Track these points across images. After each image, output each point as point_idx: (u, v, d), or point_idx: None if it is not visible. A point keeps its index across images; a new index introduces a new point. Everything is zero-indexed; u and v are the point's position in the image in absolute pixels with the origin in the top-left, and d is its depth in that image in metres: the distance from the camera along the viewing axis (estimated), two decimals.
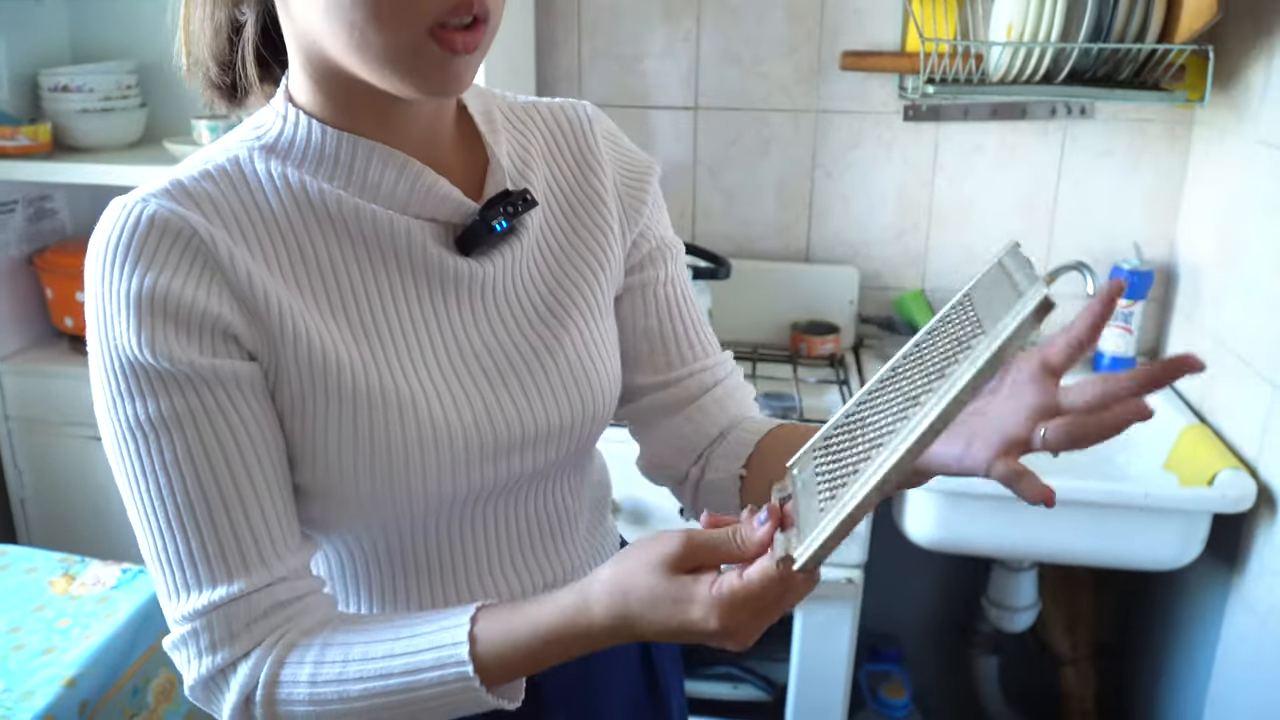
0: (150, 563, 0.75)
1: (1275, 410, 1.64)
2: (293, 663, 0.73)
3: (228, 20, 0.77)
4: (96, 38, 2.18)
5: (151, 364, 0.71)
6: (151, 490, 0.72)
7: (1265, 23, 1.72)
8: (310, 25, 0.71)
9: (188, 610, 0.73)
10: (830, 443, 0.76)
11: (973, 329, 0.71)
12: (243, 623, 0.73)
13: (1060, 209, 2.09)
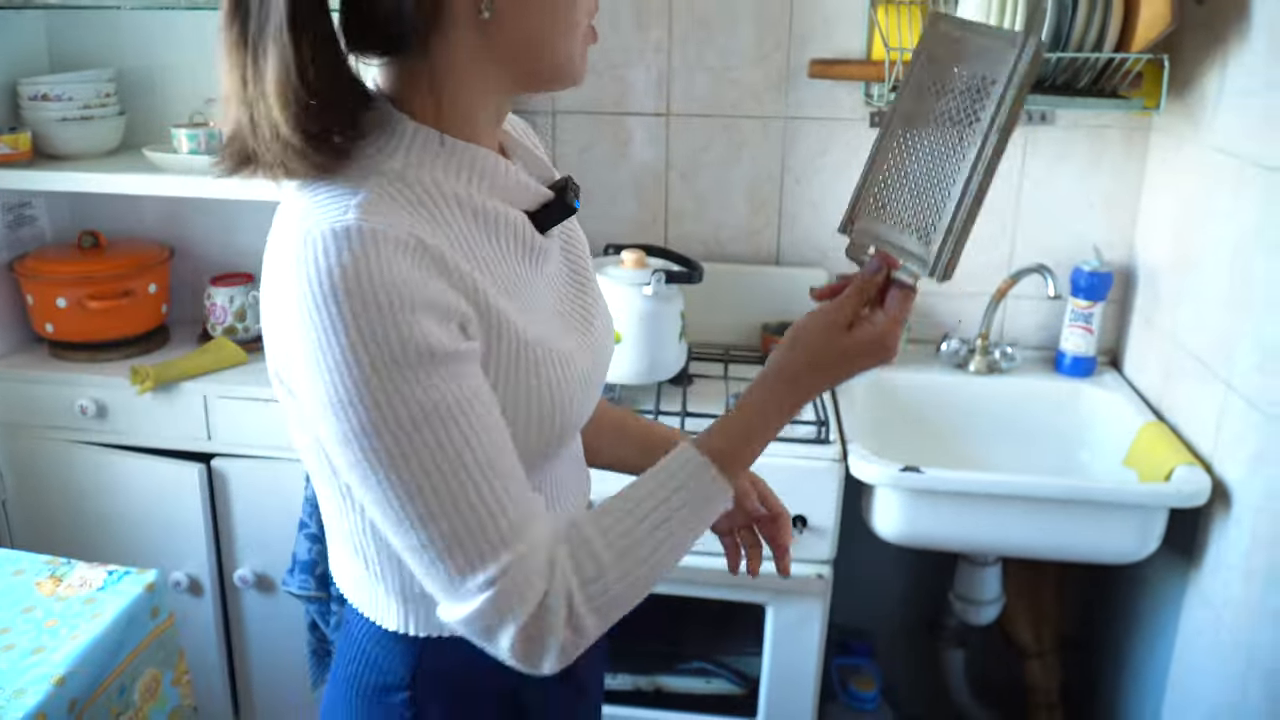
0: (424, 551, 0.78)
1: (1229, 408, 1.70)
2: (582, 561, 0.82)
3: (337, 69, 0.81)
4: (75, 47, 2.20)
5: (424, 354, 0.76)
6: (433, 477, 0.77)
7: (1219, 32, 1.78)
8: (520, 35, 0.83)
9: (483, 579, 0.78)
10: (876, 205, 0.98)
11: (978, 80, 0.89)
12: (535, 567, 0.80)
13: (1022, 212, 2.15)
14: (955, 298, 2.21)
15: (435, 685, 0.98)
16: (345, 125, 0.81)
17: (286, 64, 0.76)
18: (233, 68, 0.81)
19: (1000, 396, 2.11)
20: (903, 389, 2.13)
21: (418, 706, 0.97)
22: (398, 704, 0.98)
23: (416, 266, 0.77)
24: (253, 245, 2.23)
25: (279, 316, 0.80)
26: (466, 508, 0.77)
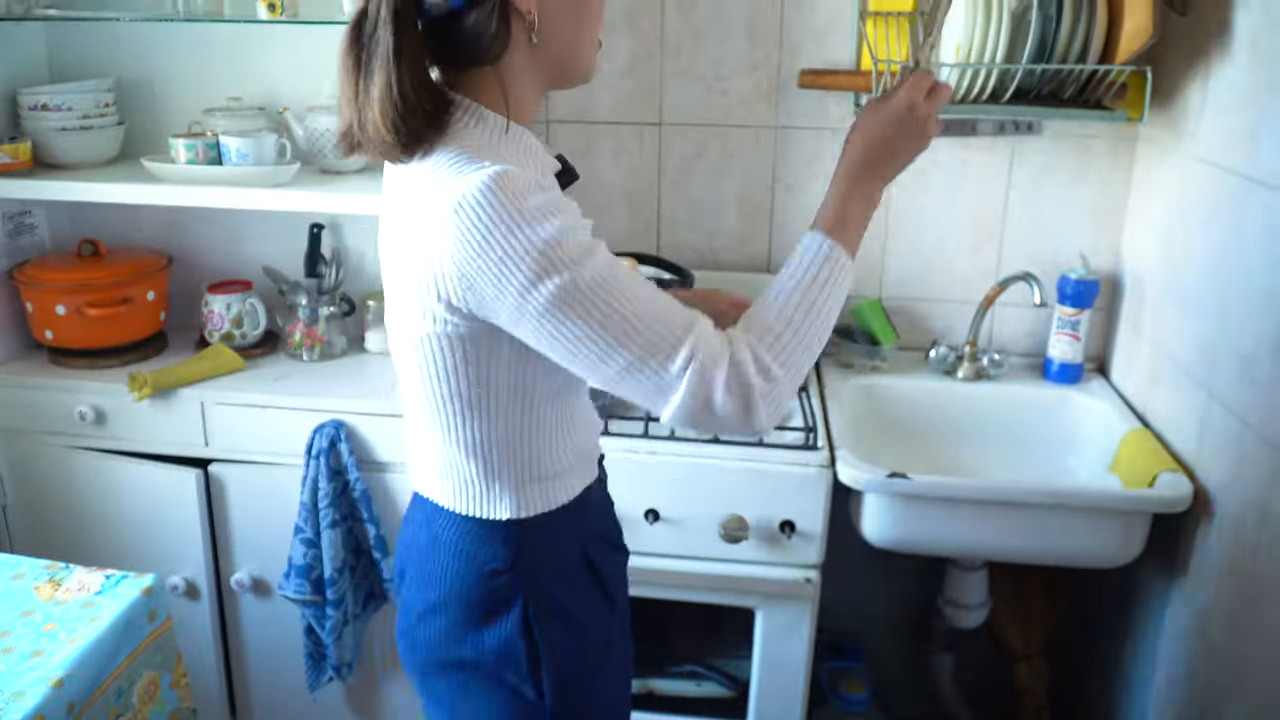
0: (628, 369, 1.03)
1: (1210, 416, 1.73)
2: (754, 327, 1.08)
3: (424, 82, 1.05)
4: (75, 57, 2.23)
5: (582, 229, 1.03)
6: (619, 309, 1.01)
7: (1201, 45, 1.81)
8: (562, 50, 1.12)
9: (681, 361, 1.02)
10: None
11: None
12: (716, 339, 1.05)
13: (1010, 221, 2.17)
14: (944, 304, 2.24)
15: (532, 558, 1.19)
16: (431, 125, 1.05)
17: (389, 85, 1.02)
18: (347, 84, 1.06)
19: (988, 403, 2.14)
20: (892, 395, 2.15)
21: (521, 580, 1.19)
22: (503, 585, 1.18)
23: (554, 187, 1.06)
24: (250, 253, 2.29)
25: (432, 260, 1.02)
26: (650, 320, 1.02)
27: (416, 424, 1.22)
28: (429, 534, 1.23)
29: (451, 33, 1.07)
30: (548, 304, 1.00)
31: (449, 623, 1.22)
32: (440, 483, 1.22)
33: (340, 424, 2.01)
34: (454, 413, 1.15)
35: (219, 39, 2.17)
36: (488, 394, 1.12)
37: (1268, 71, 1.59)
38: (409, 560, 1.28)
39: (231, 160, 1.99)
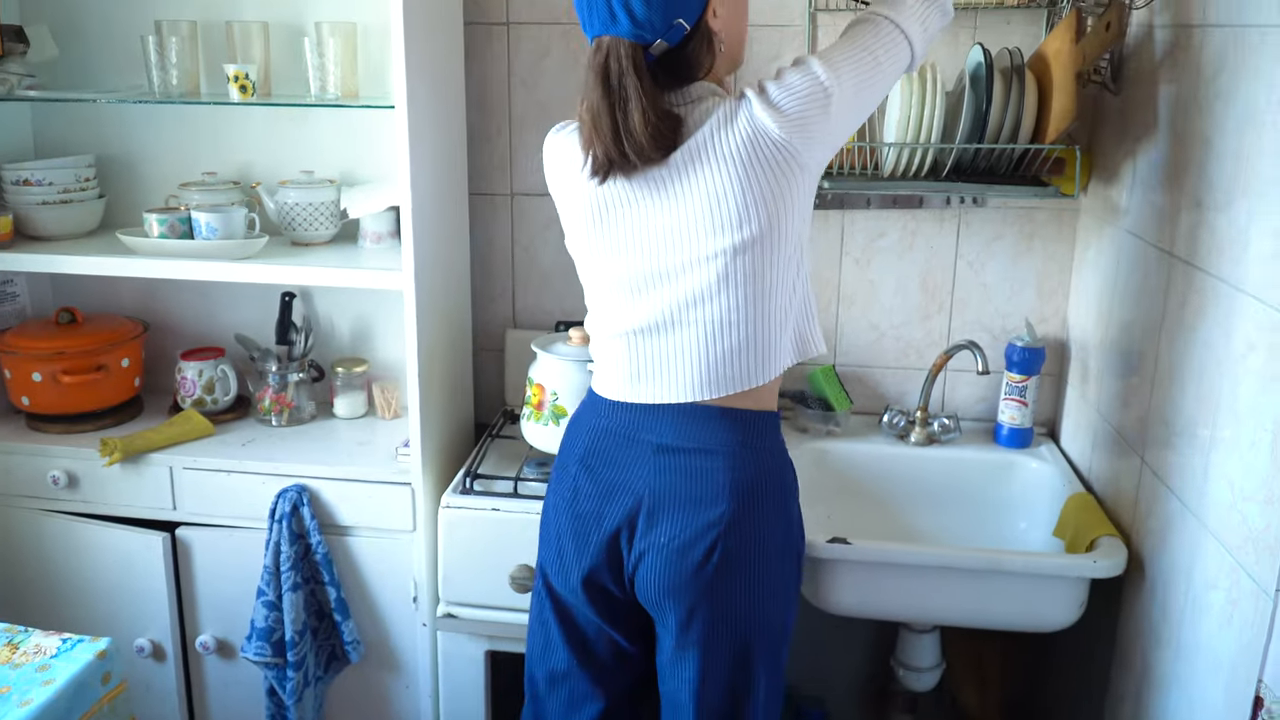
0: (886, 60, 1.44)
1: (1145, 482, 1.77)
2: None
3: (661, 108, 1.40)
4: (59, 134, 2.33)
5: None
6: (862, 51, 1.46)
7: (1130, 125, 1.88)
8: (737, 47, 1.49)
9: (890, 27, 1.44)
10: None
11: None
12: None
13: (959, 289, 2.24)
14: (897, 371, 2.30)
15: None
16: (675, 132, 1.38)
17: (644, 114, 1.35)
18: (604, 121, 1.37)
19: (940, 467, 2.18)
20: (846, 459, 2.20)
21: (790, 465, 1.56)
22: (787, 470, 1.55)
23: None
24: (224, 320, 2.36)
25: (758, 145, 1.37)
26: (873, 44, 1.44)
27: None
28: (762, 447, 1.51)
29: (674, 63, 1.39)
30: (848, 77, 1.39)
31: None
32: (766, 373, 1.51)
33: (303, 488, 2.06)
34: (782, 291, 1.46)
35: (196, 117, 2.27)
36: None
37: (1185, 151, 1.66)
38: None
39: (202, 234, 2.06)
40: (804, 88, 1.36)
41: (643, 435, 1.49)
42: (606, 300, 1.53)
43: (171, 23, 2.09)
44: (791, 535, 1.53)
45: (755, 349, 1.46)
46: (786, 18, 2.13)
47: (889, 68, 1.43)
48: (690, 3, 1.37)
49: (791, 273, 1.45)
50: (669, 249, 1.43)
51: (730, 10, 1.44)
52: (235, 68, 2.02)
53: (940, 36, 1.54)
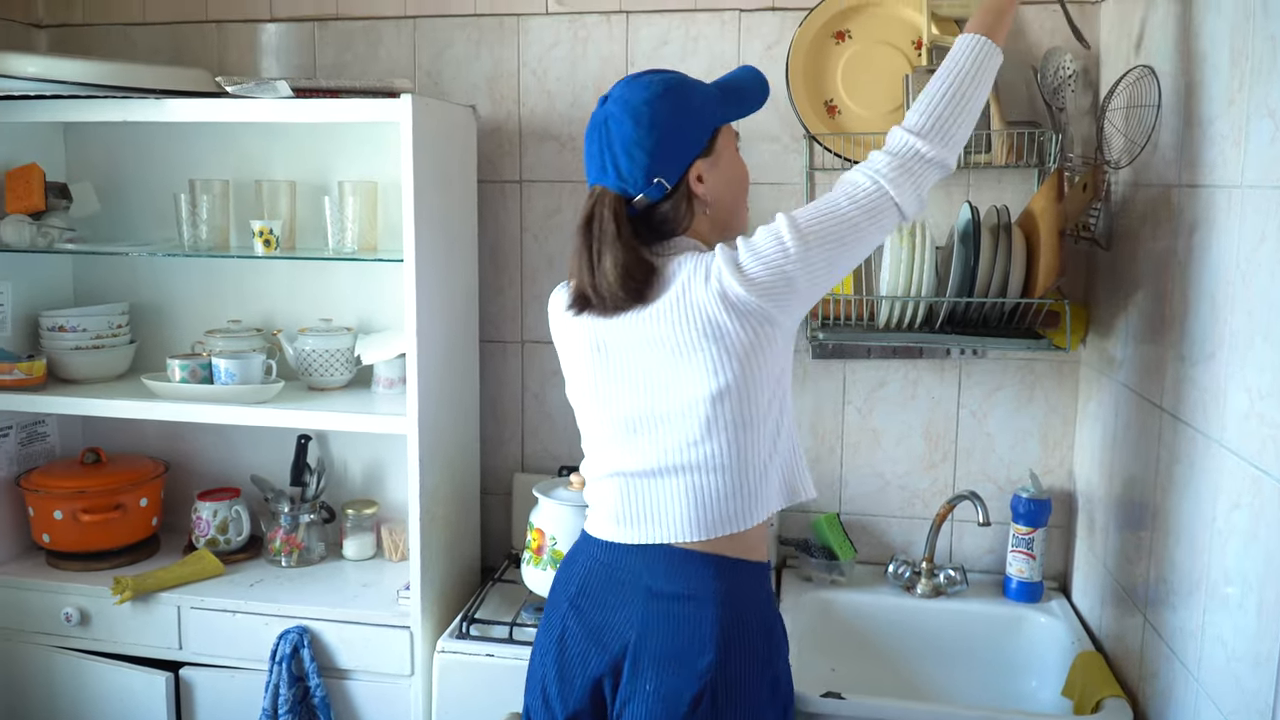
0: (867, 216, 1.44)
1: (1149, 640, 1.73)
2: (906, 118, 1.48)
3: (642, 253, 1.48)
4: (97, 282, 2.46)
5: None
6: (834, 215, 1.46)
7: (1121, 280, 1.91)
8: (730, 212, 1.55)
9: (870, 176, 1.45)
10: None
11: None
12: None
13: (963, 439, 2.24)
14: (902, 520, 2.28)
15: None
16: (648, 283, 1.45)
17: (616, 260, 1.44)
18: (584, 261, 1.47)
19: (947, 621, 2.14)
20: (851, 610, 2.17)
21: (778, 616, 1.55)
22: (775, 622, 1.54)
23: None
24: (242, 461, 2.43)
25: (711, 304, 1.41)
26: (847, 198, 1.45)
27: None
28: (717, 598, 1.49)
29: (654, 217, 1.48)
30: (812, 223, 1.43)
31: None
32: (727, 526, 1.50)
33: (304, 630, 2.08)
34: (743, 449, 1.47)
35: (223, 268, 2.39)
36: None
37: (1168, 305, 1.68)
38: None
39: (221, 379, 2.15)
40: (772, 255, 1.40)
41: (632, 576, 1.50)
42: (600, 442, 1.57)
43: (205, 181, 2.22)
44: (779, 689, 1.51)
45: (741, 493, 1.47)
46: (784, 175, 2.22)
47: (869, 232, 1.44)
48: (671, 164, 1.46)
49: (773, 419, 1.48)
50: (657, 394, 1.47)
51: (720, 181, 1.51)
52: (260, 223, 2.14)
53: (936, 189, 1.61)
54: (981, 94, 1.48)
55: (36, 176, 2.22)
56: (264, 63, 2.40)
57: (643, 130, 1.44)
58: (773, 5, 2.18)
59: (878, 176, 1.43)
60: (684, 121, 1.47)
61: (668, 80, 1.48)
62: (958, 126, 1.45)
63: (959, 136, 1.46)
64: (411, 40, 2.33)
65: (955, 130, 1.45)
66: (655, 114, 1.45)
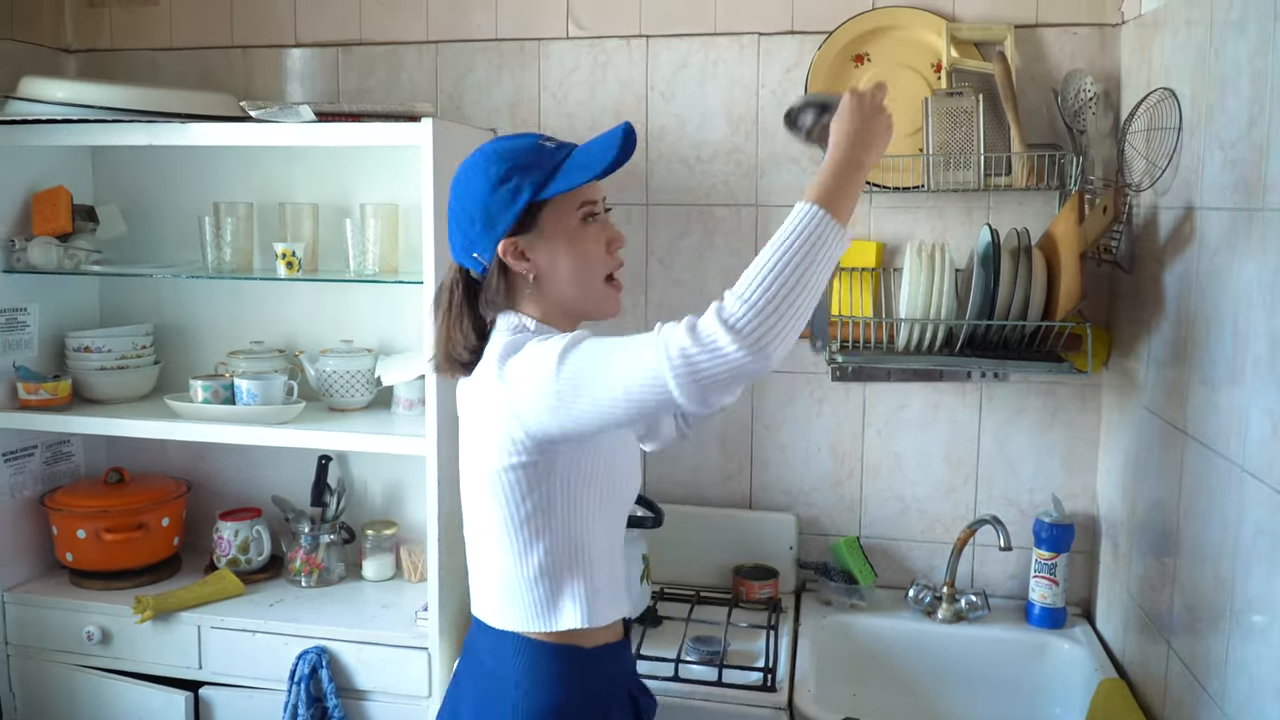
0: (633, 351, 1.22)
1: (1173, 668, 1.70)
2: (723, 297, 1.19)
3: (476, 327, 1.43)
4: (123, 304, 2.49)
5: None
6: (602, 343, 1.26)
7: (1143, 303, 1.89)
8: (562, 293, 1.41)
9: (656, 338, 1.20)
10: None
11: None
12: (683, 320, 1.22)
13: (983, 463, 2.22)
14: (923, 544, 2.26)
15: (591, 680, 1.43)
16: (472, 350, 1.41)
17: (449, 328, 1.43)
18: (440, 329, 1.45)
19: (968, 646, 2.12)
20: (871, 635, 2.15)
21: (586, 706, 1.42)
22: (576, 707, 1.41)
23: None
24: (263, 481, 2.45)
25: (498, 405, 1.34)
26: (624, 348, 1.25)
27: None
28: (497, 676, 1.43)
29: (484, 290, 1.43)
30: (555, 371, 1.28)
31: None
32: (511, 618, 1.43)
33: (323, 650, 2.08)
34: (519, 551, 1.40)
35: (246, 290, 2.41)
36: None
37: (1190, 329, 1.66)
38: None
39: (243, 399, 2.16)
40: (530, 371, 1.29)
41: (470, 643, 1.52)
42: None
43: (229, 204, 2.25)
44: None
45: (508, 591, 1.41)
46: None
47: (629, 413, 1.23)
48: (482, 241, 1.39)
49: (556, 531, 1.38)
50: (463, 461, 1.48)
51: (550, 257, 1.39)
52: (283, 246, 2.16)
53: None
54: (812, 281, 1.18)
55: (64, 199, 2.26)
56: (289, 87, 2.44)
57: (455, 202, 1.42)
58: (792, 29, 2.19)
59: (666, 365, 1.17)
60: (490, 197, 1.37)
61: (488, 150, 1.41)
62: (779, 322, 1.15)
63: (779, 333, 1.16)
64: (433, 65, 2.36)
65: (774, 327, 1.15)
66: (466, 186, 1.40)
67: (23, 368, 2.26)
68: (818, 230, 1.19)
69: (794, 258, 1.17)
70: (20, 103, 2.11)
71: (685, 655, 1.95)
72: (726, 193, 2.26)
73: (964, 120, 2.04)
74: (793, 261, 1.17)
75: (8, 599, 2.26)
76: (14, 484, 2.31)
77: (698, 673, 1.91)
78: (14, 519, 2.31)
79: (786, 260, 1.17)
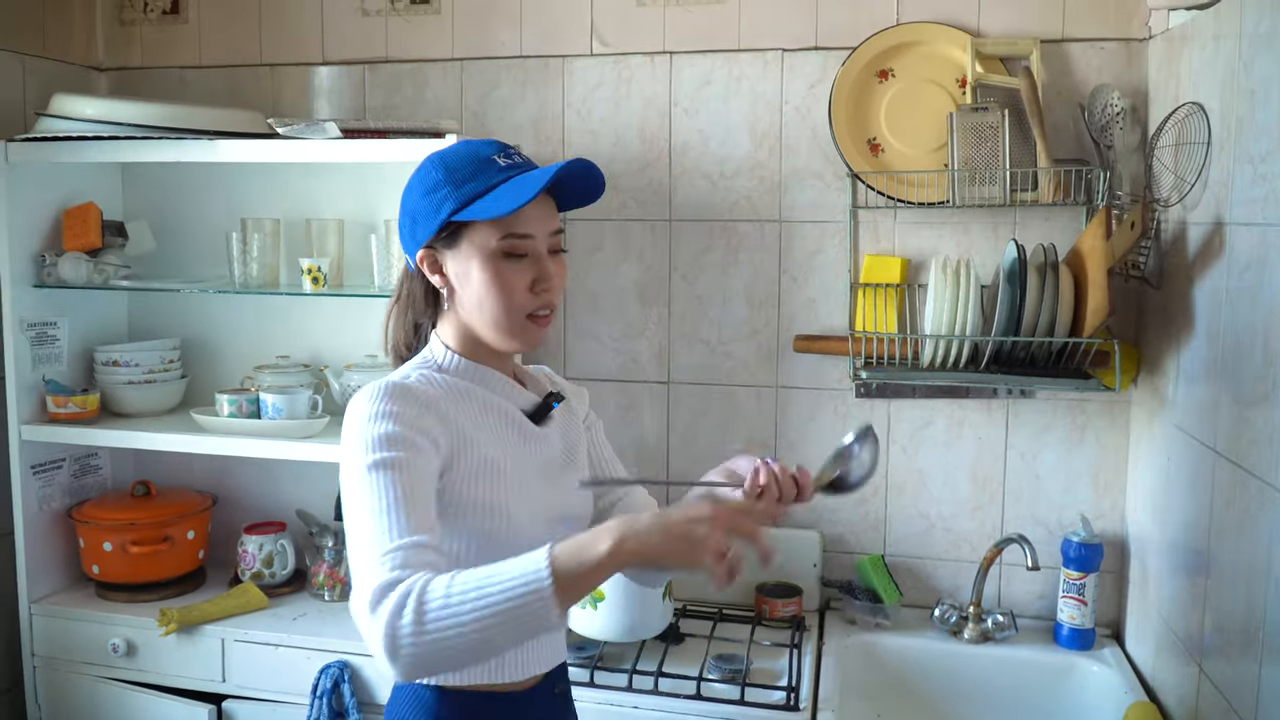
0: (361, 538, 1.16)
1: (1204, 692, 1.67)
2: (435, 585, 1.08)
3: (414, 325, 1.42)
4: (151, 319, 2.52)
5: (391, 436, 1.22)
6: (374, 498, 1.18)
7: (1172, 319, 1.87)
8: (470, 318, 1.33)
9: (386, 549, 1.13)
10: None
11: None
12: (414, 558, 1.13)
13: (1010, 481, 2.19)
14: (949, 563, 2.24)
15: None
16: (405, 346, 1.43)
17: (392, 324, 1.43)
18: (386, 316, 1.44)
19: (995, 667, 2.09)
20: (895, 655, 2.12)
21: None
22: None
23: (413, 404, 1.26)
24: (288, 496, 2.45)
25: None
26: (393, 516, 1.17)
27: None
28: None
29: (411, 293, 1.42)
30: (354, 467, 1.23)
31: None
32: None
33: (345, 664, 2.08)
34: None
35: (272, 305, 2.43)
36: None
37: (1221, 345, 1.64)
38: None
39: (268, 413, 2.18)
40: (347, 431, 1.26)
41: None
42: None
43: (256, 220, 2.27)
44: None
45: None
46: (828, 214, 2.21)
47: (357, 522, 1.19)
48: (408, 244, 1.36)
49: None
50: None
51: (465, 279, 1.31)
52: (309, 261, 2.17)
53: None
54: (497, 645, 1.08)
55: (94, 215, 2.28)
56: (316, 104, 2.46)
57: (402, 196, 1.36)
58: (816, 44, 2.19)
59: (357, 600, 1.11)
60: (420, 202, 1.32)
61: (437, 153, 1.34)
62: (437, 664, 1.09)
63: (431, 669, 1.09)
64: (458, 82, 2.37)
65: (430, 665, 1.08)
66: (409, 184, 1.35)
67: (52, 381, 2.29)
68: (533, 606, 1.06)
69: (493, 617, 1.06)
70: (52, 120, 2.14)
71: (707, 673, 1.94)
72: (749, 208, 2.26)
73: (989, 135, 2.03)
74: (489, 620, 1.06)
75: (35, 611, 2.28)
76: (42, 496, 2.33)
77: (720, 691, 1.90)
78: (42, 531, 2.33)
79: (483, 616, 1.06)
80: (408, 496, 1.19)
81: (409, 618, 1.06)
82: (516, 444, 1.36)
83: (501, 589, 1.06)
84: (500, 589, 1.06)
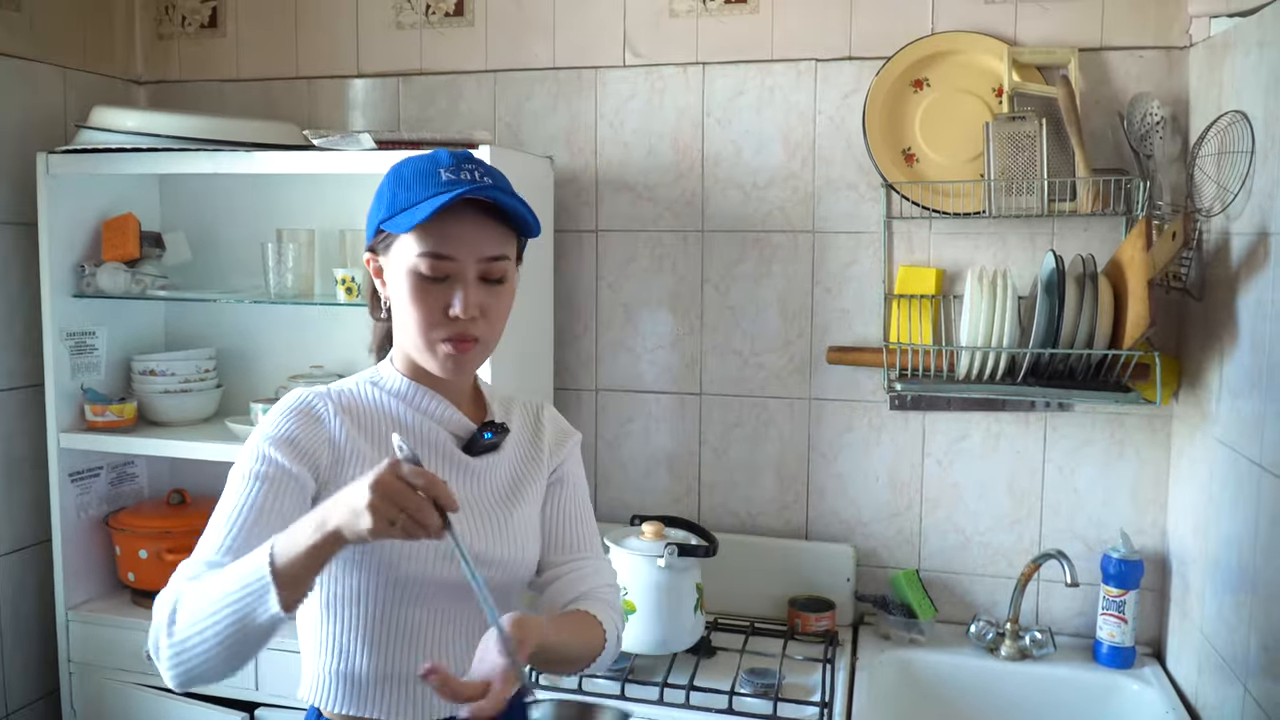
0: (204, 533, 1.22)
1: (1249, 713, 1.63)
2: (189, 589, 1.15)
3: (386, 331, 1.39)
4: (188, 328, 2.54)
5: (270, 459, 1.23)
6: (230, 505, 1.22)
7: (1215, 332, 1.84)
8: (396, 332, 1.32)
9: (205, 559, 1.19)
10: None
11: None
12: (177, 582, 1.18)
13: (1048, 495, 2.16)
14: (985, 579, 2.21)
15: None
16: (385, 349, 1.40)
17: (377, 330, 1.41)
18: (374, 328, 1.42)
19: (1032, 685, 2.05)
20: (931, 671, 2.09)
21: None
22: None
23: (305, 424, 1.27)
24: None
25: None
26: (228, 529, 1.21)
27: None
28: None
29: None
30: (237, 468, 1.26)
31: None
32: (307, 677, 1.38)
33: None
34: (315, 616, 1.34)
35: (307, 315, 2.44)
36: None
37: (1267, 357, 1.61)
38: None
39: None
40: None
41: None
42: None
43: (291, 231, 2.29)
44: None
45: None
46: (863, 224, 2.20)
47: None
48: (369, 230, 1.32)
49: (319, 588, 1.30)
50: None
51: (393, 288, 1.28)
52: (344, 272, 2.18)
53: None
54: (241, 651, 1.13)
55: (132, 226, 2.31)
56: (351, 116, 2.48)
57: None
58: (850, 54, 2.18)
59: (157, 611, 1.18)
60: (373, 203, 1.31)
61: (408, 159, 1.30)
62: (196, 674, 1.15)
63: (195, 680, 1.16)
64: (492, 94, 2.38)
65: (191, 676, 1.15)
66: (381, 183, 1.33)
67: (90, 390, 2.31)
68: (255, 590, 1.07)
69: (224, 609, 1.09)
70: (92, 132, 2.17)
71: (739, 687, 1.92)
72: (783, 219, 2.24)
73: (1026, 145, 2.00)
74: (221, 614, 1.09)
75: (71, 617, 2.30)
76: (80, 504, 2.35)
77: (752, 705, 1.88)
78: (79, 539, 2.35)
79: (216, 610, 1.09)
80: (256, 518, 1.20)
81: (164, 622, 1.14)
82: (438, 473, 1.25)
83: (232, 581, 1.10)
84: (231, 581, 1.10)
